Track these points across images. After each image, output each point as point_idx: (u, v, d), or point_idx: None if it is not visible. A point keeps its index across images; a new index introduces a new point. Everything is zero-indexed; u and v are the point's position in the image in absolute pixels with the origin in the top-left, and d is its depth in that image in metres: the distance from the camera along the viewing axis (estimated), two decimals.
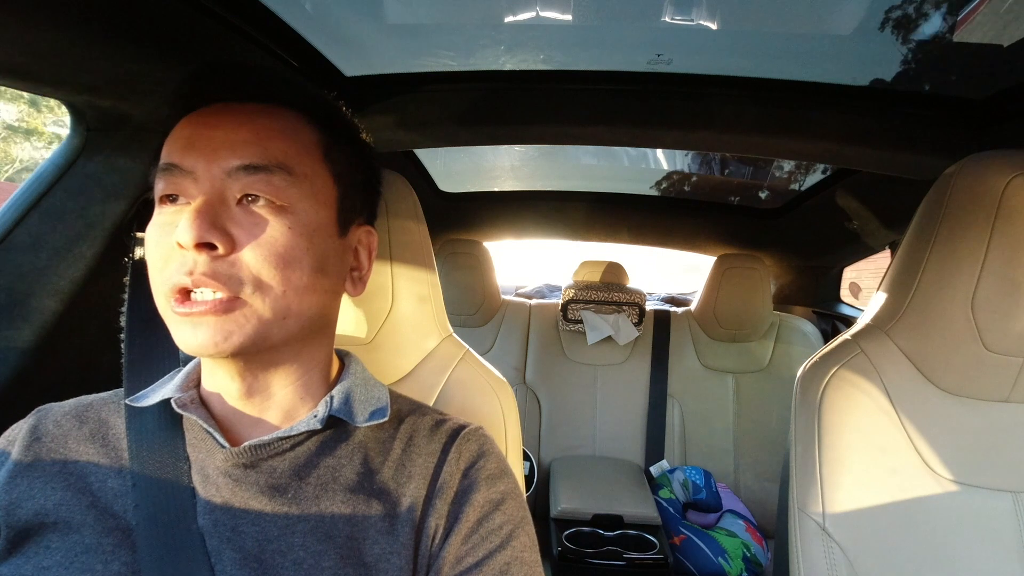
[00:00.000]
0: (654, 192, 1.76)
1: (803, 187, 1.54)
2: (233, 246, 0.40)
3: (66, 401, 0.49)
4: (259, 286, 0.41)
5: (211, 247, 0.39)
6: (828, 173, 1.39)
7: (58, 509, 0.41)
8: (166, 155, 0.42)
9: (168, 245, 0.40)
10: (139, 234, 0.65)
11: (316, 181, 0.45)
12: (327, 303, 0.48)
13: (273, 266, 0.41)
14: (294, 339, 0.45)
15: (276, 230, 0.41)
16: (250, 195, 0.41)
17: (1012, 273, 0.61)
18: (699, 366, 1.73)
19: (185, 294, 0.40)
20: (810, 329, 1.69)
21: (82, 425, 0.46)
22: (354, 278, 0.52)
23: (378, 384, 0.55)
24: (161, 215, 0.42)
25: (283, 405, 0.47)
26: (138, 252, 0.62)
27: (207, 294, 0.39)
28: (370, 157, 0.54)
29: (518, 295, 2.41)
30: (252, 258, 0.40)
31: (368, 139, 0.54)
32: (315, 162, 0.45)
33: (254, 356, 0.43)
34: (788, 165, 1.51)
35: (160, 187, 0.42)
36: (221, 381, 0.46)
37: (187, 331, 0.40)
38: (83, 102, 0.62)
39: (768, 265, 1.73)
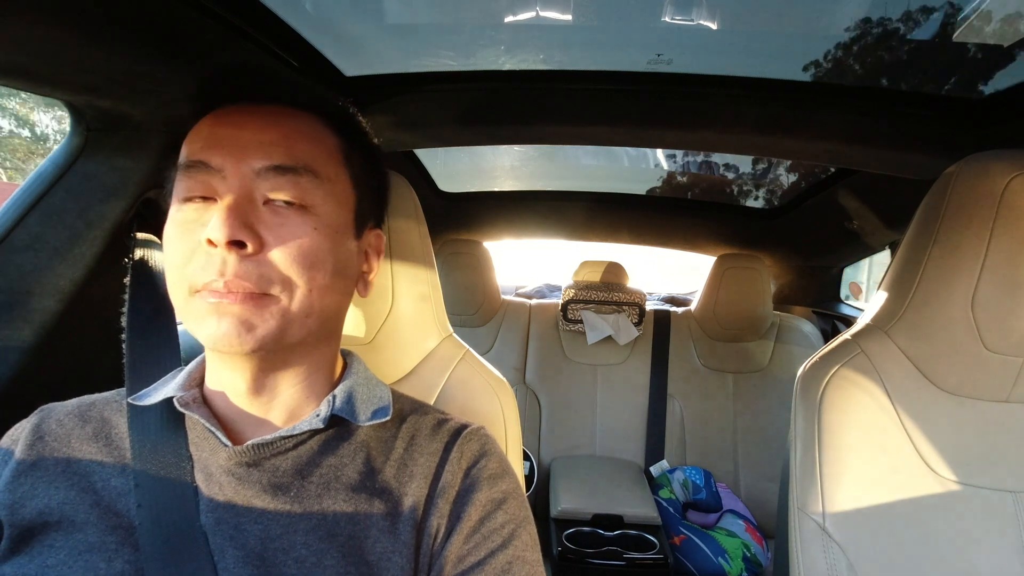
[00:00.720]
0: (654, 192, 1.76)
1: (803, 187, 1.54)
2: (262, 245, 0.41)
3: (69, 400, 0.49)
4: (287, 285, 0.41)
5: (241, 245, 0.39)
6: (828, 173, 1.39)
7: (62, 508, 0.41)
8: (190, 152, 0.42)
9: (192, 242, 0.40)
10: (139, 234, 0.65)
11: (338, 184, 0.46)
12: (342, 303, 0.49)
13: (300, 266, 0.42)
14: (310, 338, 0.45)
15: (302, 230, 0.42)
16: (277, 195, 0.42)
17: (1012, 273, 0.61)
18: (699, 366, 1.73)
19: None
20: (810, 329, 1.69)
21: (85, 424, 0.46)
22: (364, 280, 0.52)
23: (380, 384, 0.55)
24: (182, 212, 0.42)
25: (288, 405, 0.47)
26: (138, 252, 0.62)
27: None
28: (381, 161, 0.54)
29: (518, 295, 2.40)
30: (280, 258, 0.41)
31: (378, 143, 0.54)
32: (337, 165, 0.46)
33: (269, 354, 0.44)
34: (787, 165, 1.51)
35: (185, 185, 0.42)
36: (229, 379, 0.46)
37: (212, 321, 0.40)
38: (83, 102, 0.62)
39: (768, 265, 1.73)
